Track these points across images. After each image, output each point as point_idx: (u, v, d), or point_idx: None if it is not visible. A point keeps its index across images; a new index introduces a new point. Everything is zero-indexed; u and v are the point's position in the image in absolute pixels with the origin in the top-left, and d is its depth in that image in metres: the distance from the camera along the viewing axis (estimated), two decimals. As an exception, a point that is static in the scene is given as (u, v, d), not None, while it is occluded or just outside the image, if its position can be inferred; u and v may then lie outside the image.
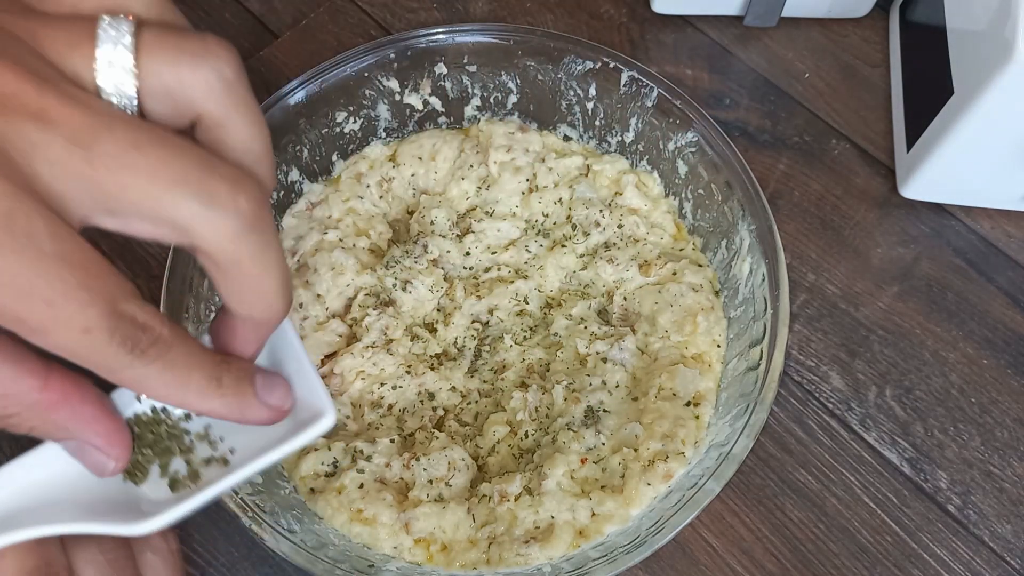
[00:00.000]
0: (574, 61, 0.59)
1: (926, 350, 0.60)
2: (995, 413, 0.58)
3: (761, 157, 0.67)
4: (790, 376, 0.59)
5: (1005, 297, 0.61)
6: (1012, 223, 0.64)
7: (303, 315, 0.56)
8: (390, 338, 0.55)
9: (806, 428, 0.57)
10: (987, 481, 0.55)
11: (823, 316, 0.61)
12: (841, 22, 0.73)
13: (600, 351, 0.55)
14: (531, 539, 0.48)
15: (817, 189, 0.66)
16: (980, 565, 0.53)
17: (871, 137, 0.68)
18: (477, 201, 0.61)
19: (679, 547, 0.53)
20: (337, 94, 0.60)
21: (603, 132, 0.62)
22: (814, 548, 0.53)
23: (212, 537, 0.54)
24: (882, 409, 0.58)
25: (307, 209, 0.61)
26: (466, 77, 0.62)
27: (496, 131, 0.62)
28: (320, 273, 0.57)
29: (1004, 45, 0.50)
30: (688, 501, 0.45)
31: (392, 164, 0.63)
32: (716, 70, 0.71)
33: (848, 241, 0.64)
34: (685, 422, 0.50)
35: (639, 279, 0.57)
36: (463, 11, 0.74)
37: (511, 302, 0.57)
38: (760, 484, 0.55)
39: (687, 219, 0.60)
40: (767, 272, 0.51)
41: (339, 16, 0.74)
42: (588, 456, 0.51)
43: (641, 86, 0.58)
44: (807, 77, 0.70)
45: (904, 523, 0.54)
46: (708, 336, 0.54)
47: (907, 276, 0.62)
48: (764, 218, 0.53)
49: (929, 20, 0.62)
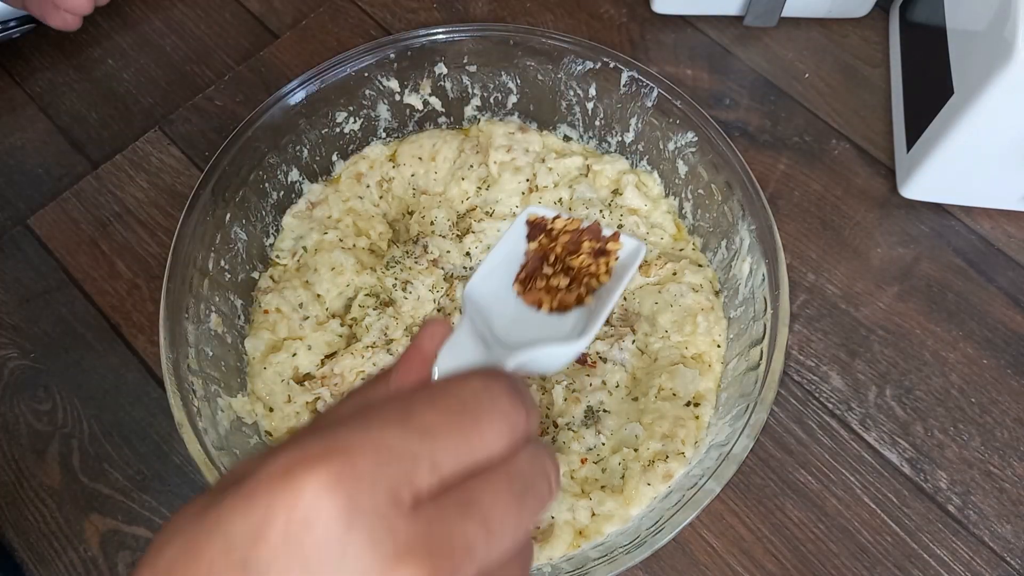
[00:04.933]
0: (574, 61, 0.59)
1: (926, 350, 0.60)
2: (995, 413, 0.58)
3: (761, 157, 0.67)
4: (790, 376, 0.59)
5: (1005, 297, 0.61)
6: (1012, 223, 0.64)
7: (303, 315, 0.56)
8: (390, 338, 0.55)
9: (806, 428, 0.57)
10: (987, 481, 0.55)
11: (823, 316, 0.61)
12: (841, 22, 0.73)
13: (600, 351, 0.55)
14: (531, 539, 0.48)
15: (817, 189, 0.66)
16: (980, 565, 0.53)
17: (871, 137, 0.68)
18: (477, 201, 0.61)
19: (679, 547, 0.53)
20: (337, 94, 0.60)
21: (603, 132, 0.62)
22: (814, 548, 0.53)
23: (212, 537, 0.54)
24: (882, 409, 0.58)
25: (307, 209, 0.61)
26: (466, 77, 0.62)
27: (496, 131, 0.62)
28: (320, 273, 0.57)
29: (1004, 45, 0.50)
30: (688, 501, 0.45)
31: (392, 164, 0.63)
32: (716, 70, 0.71)
33: (848, 241, 0.64)
34: (685, 422, 0.50)
35: (639, 279, 0.57)
36: (463, 11, 0.74)
37: (511, 302, 0.57)
38: (760, 484, 0.55)
39: (687, 219, 0.60)
40: (767, 272, 0.51)
41: (339, 16, 0.74)
42: (588, 456, 0.51)
43: (641, 86, 0.58)
44: (807, 77, 0.70)
45: (904, 523, 0.54)
46: (708, 336, 0.54)
47: (907, 276, 0.62)
48: (764, 218, 0.53)
49: (929, 20, 0.62)
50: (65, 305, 0.61)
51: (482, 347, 0.35)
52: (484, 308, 0.39)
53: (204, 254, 0.53)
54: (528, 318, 0.40)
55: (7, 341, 0.60)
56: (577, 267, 0.42)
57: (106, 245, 0.63)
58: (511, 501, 0.26)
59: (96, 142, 0.68)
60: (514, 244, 0.43)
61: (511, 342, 0.37)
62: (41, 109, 0.70)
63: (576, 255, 0.42)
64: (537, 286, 0.42)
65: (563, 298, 0.41)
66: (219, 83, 0.70)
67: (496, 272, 0.41)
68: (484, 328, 0.37)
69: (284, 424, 0.53)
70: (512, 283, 0.41)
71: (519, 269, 0.42)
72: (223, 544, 0.23)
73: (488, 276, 0.41)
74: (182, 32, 0.74)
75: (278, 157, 0.59)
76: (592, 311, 0.40)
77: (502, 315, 0.40)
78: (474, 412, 0.26)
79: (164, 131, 0.68)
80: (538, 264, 0.42)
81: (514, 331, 0.39)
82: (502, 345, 0.36)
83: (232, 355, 0.54)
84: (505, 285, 0.41)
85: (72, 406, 0.58)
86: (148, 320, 0.61)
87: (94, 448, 0.56)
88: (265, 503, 0.23)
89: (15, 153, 0.68)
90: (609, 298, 0.40)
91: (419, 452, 0.24)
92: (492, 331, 0.38)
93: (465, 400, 0.27)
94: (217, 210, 0.54)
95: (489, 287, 0.41)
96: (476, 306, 0.39)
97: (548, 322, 0.40)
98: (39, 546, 0.54)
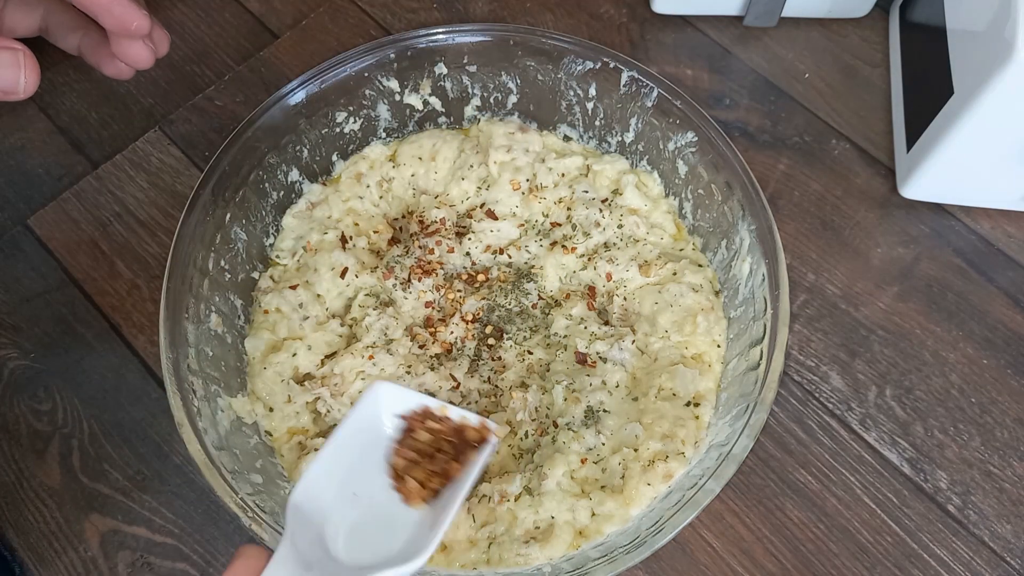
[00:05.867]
0: (574, 61, 0.59)
1: (926, 350, 0.60)
2: (995, 413, 0.58)
3: (761, 157, 0.67)
4: (790, 376, 0.59)
5: (1005, 297, 0.61)
6: (1012, 223, 0.64)
7: (303, 315, 0.56)
8: (390, 338, 0.55)
9: (806, 428, 0.57)
10: (987, 481, 0.55)
11: (823, 316, 0.61)
12: (841, 22, 0.73)
13: (600, 351, 0.55)
14: (531, 539, 0.47)
15: (817, 189, 0.66)
16: (980, 565, 0.53)
17: (871, 137, 0.68)
18: (477, 201, 0.61)
19: (679, 547, 0.53)
20: (337, 94, 0.60)
21: (603, 132, 0.62)
22: (814, 548, 0.53)
23: (212, 537, 0.54)
24: (882, 409, 0.58)
25: (307, 209, 0.61)
26: (466, 77, 0.62)
27: (496, 131, 0.62)
28: (320, 273, 0.57)
29: (1004, 45, 0.50)
30: (688, 501, 0.45)
31: (392, 164, 0.63)
32: (716, 70, 0.71)
33: (848, 241, 0.64)
34: (685, 422, 0.50)
35: (639, 279, 0.57)
36: (463, 11, 0.74)
37: (511, 302, 0.58)
38: (760, 484, 0.55)
39: (687, 219, 0.60)
40: (767, 272, 0.51)
41: (339, 16, 0.74)
42: (588, 456, 0.51)
43: (641, 86, 0.58)
44: (807, 77, 0.70)
45: (904, 523, 0.54)
46: (708, 336, 0.54)
47: (907, 276, 0.62)
48: (764, 218, 0.52)
49: (929, 20, 0.62)
50: (65, 305, 0.61)
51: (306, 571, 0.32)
52: (316, 517, 0.36)
53: (204, 254, 0.53)
54: (377, 517, 0.37)
55: (7, 341, 0.60)
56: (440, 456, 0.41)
57: (106, 245, 0.63)
58: None
59: (96, 142, 0.68)
60: (352, 436, 0.40)
61: (348, 559, 0.34)
62: (41, 109, 0.70)
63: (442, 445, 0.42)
64: (415, 476, 0.40)
65: (429, 490, 0.40)
66: (219, 83, 0.70)
67: (334, 471, 0.38)
68: (311, 546, 0.34)
69: (284, 424, 0.53)
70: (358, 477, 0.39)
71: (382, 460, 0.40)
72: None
73: (323, 477, 0.38)
74: (182, 32, 0.74)
75: (278, 157, 0.59)
76: (442, 506, 0.39)
77: (341, 521, 0.36)
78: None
79: (164, 131, 0.68)
80: (414, 456, 0.41)
81: (353, 541, 0.36)
82: (335, 563, 0.34)
83: (232, 355, 0.54)
84: (347, 481, 0.38)
85: (72, 406, 0.58)
86: (148, 320, 0.61)
87: (94, 448, 0.56)
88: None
89: (15, 153, 0.68)
90: (458, 495, 0.38)
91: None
92: (324, 545, 0.35)
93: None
94: (217, 210, 0.54)
95: (325, 490, 0.37)
96: (305, 517, 0.36)
97: (398, 517, 0.38)
98: (39, 546, 0.54)
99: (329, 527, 0.37)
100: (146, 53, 0.47)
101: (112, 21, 0.44)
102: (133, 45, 0.46)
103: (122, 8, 0.43)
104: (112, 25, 0.44)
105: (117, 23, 0.44)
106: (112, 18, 0.43)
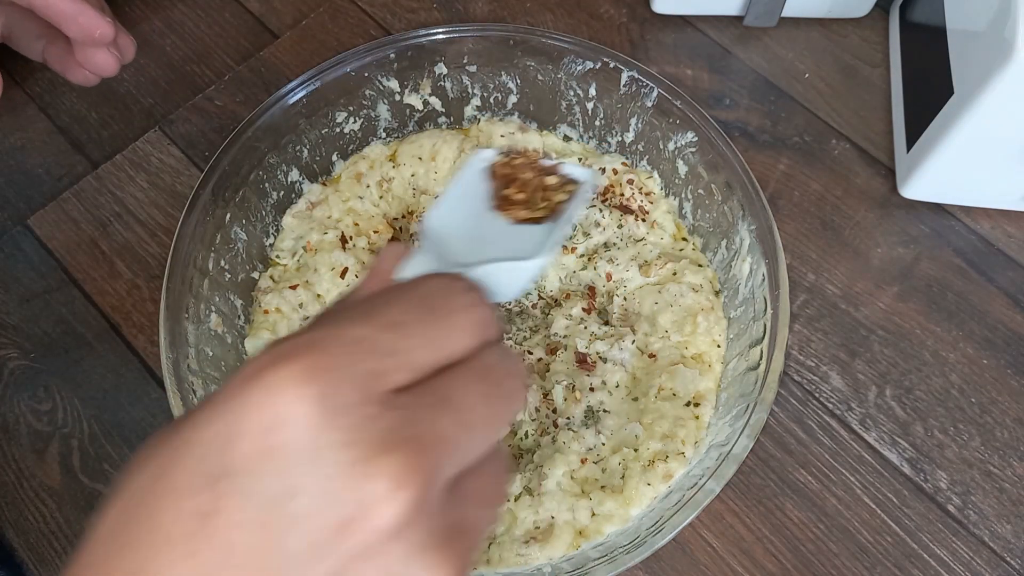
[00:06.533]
0: (574, 61, 0.59)
1: (926, 350, 0.60)
2: (995, 413, 0.58)
3: (761, 157, 0.67)
4: (790, 376, 0.59)
5: (1005, 297, 0.61)
6: (1012, 223, 0.64)
7: (303, 315, 0.56)
8: (390, 338, 0.55)
9: (806, 428, 0.57)
10: (987, 481, 0.55)
11: (823, 316, 0.61)
12: (841, 22, 0.73)
13: (600, 351, 0.55)
14: (531, 539, 0.48)
15: (817, 189, 0.66)
16: (980, 565, 0.53)
17: (871, 137, 0.68)
18: (477, 201, 0.61)
19: (679, 547, 0.53)
20: (337, 94, 0.60)
21: (603, 132, 0.62)
22: (814, 548, 0.53)
23: (212, 537, 0.54)
24: (882, 409, 0.58)
25: (307, 209, 0.61)
26: (466, 77, 0.62)
27: (496, 131, 0.62)
28: (320, 273, 0.57)
29: (1004, 45, 0.50)
30: (688, 501, 0.45)
31: (392, 164, 0.63)
32: (716, 70, 0.71)
33: (848, 241, 0.64)
34: (685, 422, 0.50)
35: (639, 279, 0.57)
36: (463, 11, 0.74)
37: (511, 302, 0.58)
38: (760, 484, 0.55)
39: (687, 219, 0.60)
40: (767, 272, 0.51)
41: (339, 16, 0.74)
42: (588, 456, 0.51)
43: (641, 86, 0.58)
44: (807, 77, 0.70)
45: (904, 523, 0.54)
46: (708, 336, 0.54)
47: (907, 276, 0.62)
48: (764, 218, 0.53)
49: (929, 20, 0.62)
50: (65, 305, 0.61)
51: (442, 265, 0.34)
52: (443, 236, 0.38)
53: (204, 254, 0.53)
54: (493, 235, 0.40)
55: (7, 341, 0.60)
56: (544, 189, 0.43)
57: (106, 245, 0.63)
58: (482, 396, 0.25)
59: (96, 142, 0.68)
60: (470, 182, 0.42)
61: (471, 262, 0.37)
62: (41, 109, 0.70)
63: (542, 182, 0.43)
64: (513, 200, 0.42)
65: (534, 213, 0.41)
66: (219, 83, 0.70)
67: (456, 204, 0.41)
68: (442, 254, 0.37)
69: (284, 424, 0.53)
70: (476, 207, 0.41)
71: (486, 195, 0.42)
72: (194, 459, 0.22)
73: (447, 207, 0.40)
74: (182, 32, 0.74)
75: (278, 157, 0.59)
76: (553, 228, 0.40)
77: (462, 239, 0.39)
78: (438, 308, 0.26)
79: (164, 131, 0.68)
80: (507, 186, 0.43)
81: (475, 251, 0.38)
82: (462, 267, 0.37)
83: (232, 355, 0.54)
84: (466, 212, 0.41)
85: (72, 406, 0.58)
86: (148, 320, 0.61)
87: (94, 448, 0.56)
88: (234, 407, 0.22)
89: (15, 153, 0.68)
90: (568, 218, 0.40)
91: (387, 346, 0.24)
92: (451, 256, 0.37)
93: (427, 296, 0.26)
94: (217, 210, 0.54)
95: (449, 216, 0.40)
96: (435, 235, 0.38)
97: (514, 236, 0.40)
98: (39, 546, 0.54)
99: (454, 243, 0.39)
100: (111, 60, 0.46)
101: (76, 29, 0.43)
102: (98, 53, 0.46)
103: (85, 16, 0.43)
104: (76, 33, 0.44)
105: (81, 31, 0.44)
106: (76, 26, 0.43)
